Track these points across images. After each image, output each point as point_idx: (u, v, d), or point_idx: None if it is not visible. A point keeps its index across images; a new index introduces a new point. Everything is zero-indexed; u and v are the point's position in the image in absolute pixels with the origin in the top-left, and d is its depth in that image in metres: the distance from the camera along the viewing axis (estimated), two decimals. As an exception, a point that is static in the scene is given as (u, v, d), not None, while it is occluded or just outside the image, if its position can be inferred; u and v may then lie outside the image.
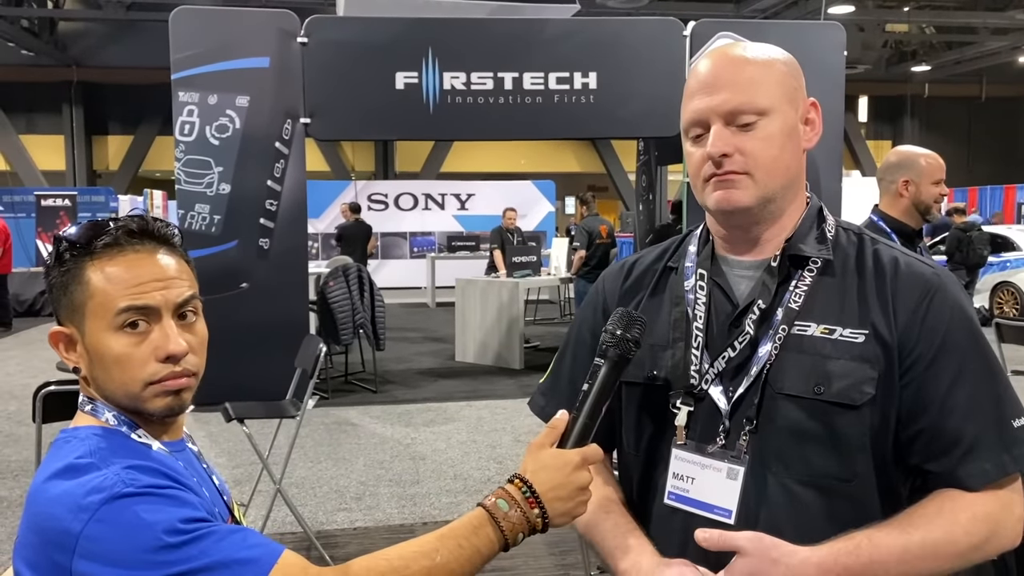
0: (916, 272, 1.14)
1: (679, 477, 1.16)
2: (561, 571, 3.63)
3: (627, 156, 20.69)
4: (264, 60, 6.57)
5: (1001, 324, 4.81)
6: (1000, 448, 1.07)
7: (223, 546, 0.93)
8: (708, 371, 1.15)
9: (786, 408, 1.10)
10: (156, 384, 1.03)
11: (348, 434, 5.97)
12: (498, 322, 8.53)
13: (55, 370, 4.92)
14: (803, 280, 1.15)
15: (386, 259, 16.52)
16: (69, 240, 1.03)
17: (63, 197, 14.42)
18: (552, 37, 6.97)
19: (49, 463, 1.00)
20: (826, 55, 6.94)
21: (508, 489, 1.04)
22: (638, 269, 1.31)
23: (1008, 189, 18.26)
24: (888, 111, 24.92)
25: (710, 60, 1.16)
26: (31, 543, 0.96)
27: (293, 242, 6.76)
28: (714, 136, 1.12)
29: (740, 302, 1.17)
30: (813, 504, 1.09)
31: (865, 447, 1.09)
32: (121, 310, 1.00)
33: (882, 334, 1.10)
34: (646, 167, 10.91)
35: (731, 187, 1.13)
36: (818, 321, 1.12)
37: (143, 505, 0.93)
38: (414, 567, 0.98)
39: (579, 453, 1.06)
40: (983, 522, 1.06)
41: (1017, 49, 20.57)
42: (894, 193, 2.89)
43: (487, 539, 1.01)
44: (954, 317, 1.11)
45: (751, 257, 1.19)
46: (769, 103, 1.12)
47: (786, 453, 1.10)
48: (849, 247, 1.18)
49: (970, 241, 9.94)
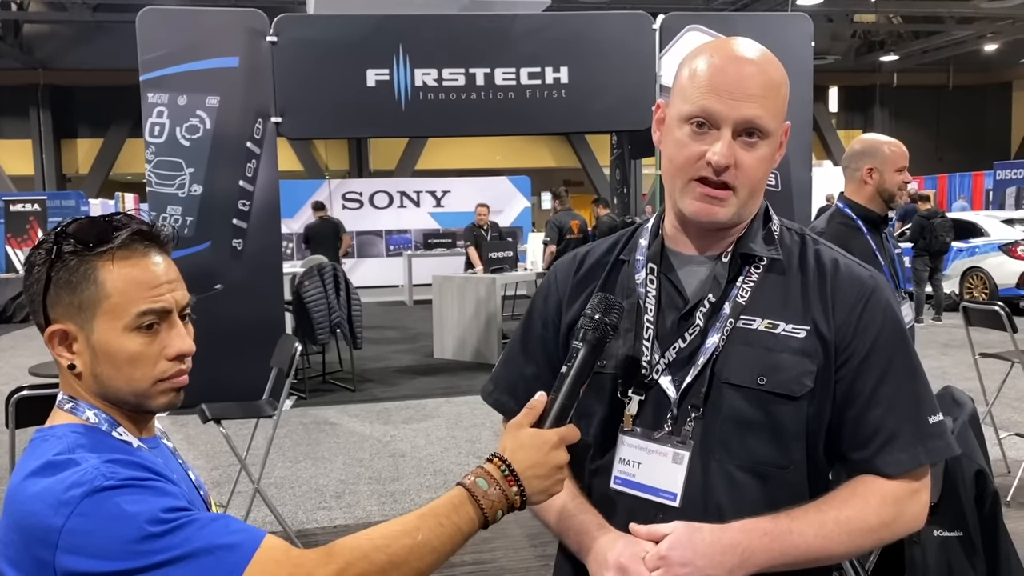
0: (854, 274, 1.20)
1: (626, 462, 1.20)
2: (541, 562, 3.65)
3: (601, 150, 20.77)
4: (233, 60, 6.53)
5: (968, 308, 4.88)
6: (916, 441, 1.15)
7: (205, 533, 0.94)
8: (659, 362, 1.19)
9: (730, 397, 1.15)
10: (164, 381, 1.07)
11: (327, 433, 5.96)
12: (476, 318, 8.54)
13: (27, 376, 4.88)
14: (750, 277, 1.20)
15: (362, 258, 16.46)
16: (77, 238, 1.03)
17: (32, 202, 14.22)
18: (523, 32, 6.98)
19: (26, 462, 1.01)
20: (795, 46, 7.01)
21: (487, 468, 1.07)
22: (589, 260, 1.33)
23: (976, 176, 18.53)
24: (858, 101, 25.18)
25: (738, 61, 1.14)
26: (13, 542, 0.96)
27: (267, 242, 6.73)
28: (724, 145, 1.12)
29: (689, 296, 1.21)
30: (752, 489, 1.15)
31: (801, 436, 1.16)
32: (142, 312, 1.04)
33: (821, 330, 1.16)
34: (620, 161, 10.98)
35: (717, 203, 1.15)
36: (763, 316, 1.17)
37: (124, 496, 0.94)
38: (396, 545, 1.00)
39: (557, 433, 1.09)
40: (891, 505, 1.14)
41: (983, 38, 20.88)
42: (858, 180, 2.94)
43: (467, 517, 1.04)
44: (886, 318, 1.17)
45: (700, 252, 1.23)
46: (775, 126, 1.16)
47: (729, 440, 1.15)
48: (793, 246, 1.23)
49: (933, 228, 10.17)
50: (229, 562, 0.93)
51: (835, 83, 22.95)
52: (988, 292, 10.91)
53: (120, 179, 22.69)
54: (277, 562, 0.95)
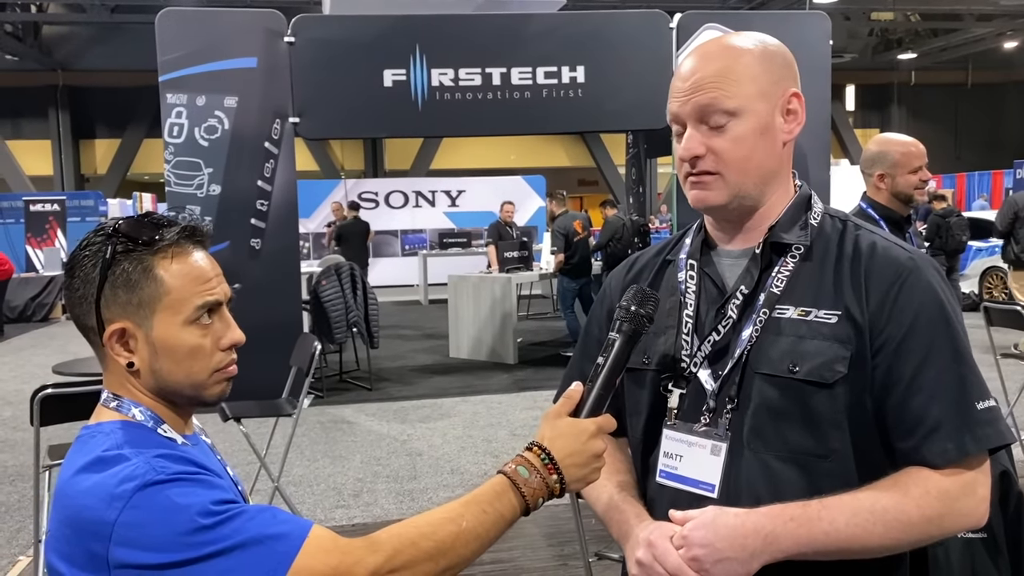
0: (891, 256, 1.17)
1: (669, 456, 1.22)
2: (559, 561, 3.66)
3: (616, 150, 20.74)
4: (251, 60, 6.57)
5: (989, 308, 4.85)
6: (963, 429, 1.09)
7: (255, 523, 0.96)
8: (697, 355, 1.21)
9: (763, 387, 1.15)
10: (220, 372, 1.12)
11: (344, 432, 5.99)
12: (491, 317, 8.55)
13: (50, 375, 4.93)
14: (785, 266, 1.20)
15: (378, 257, 16.50)
16: (130, 238, 1.06)
17: (52, 202, 14.33)
18: (539, 31, 6.98)
19: (75, 458, 1.03)
20: (812, 44, 6.97)
21: (527, 456, 1.09)
22: (639, 264, 1.39)
23: (995, 174, 18.36)
24: (875, 99, 25.01)
25: (688, 60, 1.21)
26: (65, 536, 0.98)
27: (285, 242, 6.76)
28: (686, 139, 1.18)
29: (728, 289, 1.23)
30: (793, 479, 1.13)
31: (840, 424, 1.13)
32: (199, 306, 1.08)
33: (854, 315, 1.13)
34: (635, 160, 10.95)
35: (703, 188, 1.19)
36: (796, 304, 1.17)
37: (175, 490, 0.96)
38: (441, 532, 1.01)
39: (594, 422, 1.11)
40: (936, 498, 1.09)
41: (1002, 35, 20.68)
42: (873, 184, 2.93)
43: (510, 504, 1.05)
44: (925, 300, 1.13)
45: (738, 246, 1.25)
46: (738, 104, 1.15)
47: (763, 430, 1.15)
48: (832, 233, 1.22)
49: (949, 227, 10.08)
50: (279, 551, 0.95)
51: (852, 81, 22.78)
52: (1008, 292, 10.81)
53: (137, 179, 22.86)
54: (326, 551, 0.97)
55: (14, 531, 4.25)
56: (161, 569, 0.92)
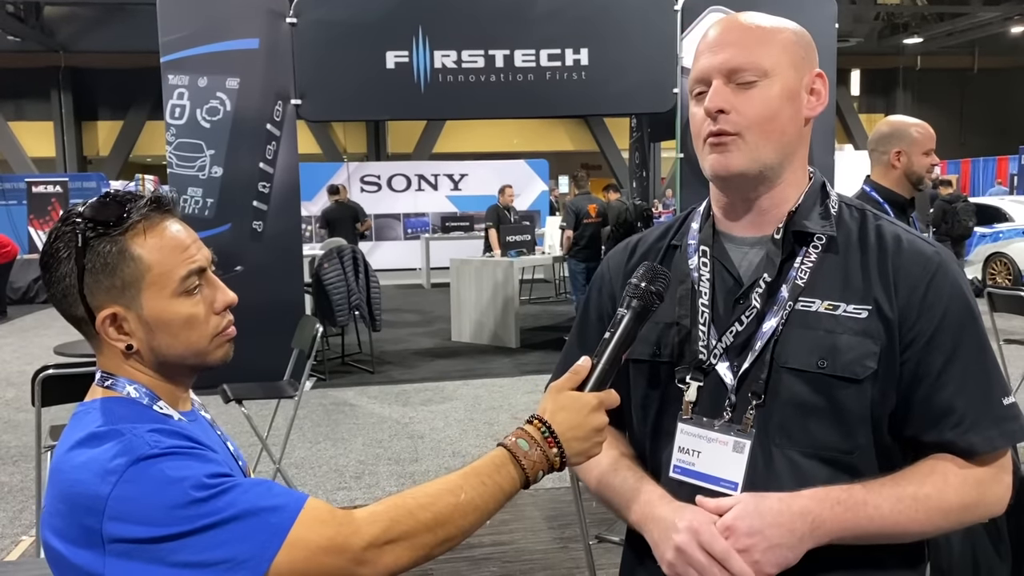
0: (918, 250, 1.16)
1: (685, 451, 1.18)
2: (559, 544, 3.67)
3: (620, 134, 20.63)
4: (254, 41, 6.53)
5: (993, 294, 4.84)
6: (990, 423, 1.11)
7: (249, 496, 0.96)
8: (716, 347, 1.17)
9: (790, 382, 1.12)
10: (219, 335, 1.12)
11: (346, 414, 6.00)
12: (493, 301, 8.54)
13: (52, 356, 4.93)
14: (808, 256, 1.17)
15: (380, 241, 16.49)
16: (98, 221, 1.03)
17: (54, 184, 14.33)
18: (543, 13, 6.93)
19: (70, 434, 1.02)
20: (817, 28, 6.87)
21: (527, 429, 1.08)
22: (642, 248, 1.33)
23: (1001, 160, 18.28)
24: (880, 84, 24.86)
25: (720, 24, 1.19)
26: (59, 512, 0.98)
27: (287, 224, 6.75)
28: (712, 91, 1.14)
29: (743, 278, 1.19)
30: (817, 475, 1.11)
31: (866, 419, 1.12)
32: (184, 276, 1.07)
33: (884, 310, 1.12)
34: (639, 144, 10.92)
35: (724, 151, 1.14)
36: (822, 297, 1.14)
37: (169, 463, 0.95)
38: (440, 503, 1.01)
39: (596, 396, 1.10)
40: (972, 487, 1.11)
41: (1009, 20, 20.50)
42: (886, 164, 2.90)
43: (509, 477, 1.05)
44: (953, 295, 1.13)
45: (752, 233, 1.21)
46: (771, 64, 1.14)
47: (791, 426, 1.12)
48: (852, 223, 1.20)
49: (955, 212, 10.04)
50: (274, 523, 0.94)
51: (857, 66, 22.65)
52: (1012, 278, 10.78)
53: (140, 161, 22.83)
54: (322, 522, 0.96)
55: (17, 511, 4.27)
56: (155, 543, 0.92)
